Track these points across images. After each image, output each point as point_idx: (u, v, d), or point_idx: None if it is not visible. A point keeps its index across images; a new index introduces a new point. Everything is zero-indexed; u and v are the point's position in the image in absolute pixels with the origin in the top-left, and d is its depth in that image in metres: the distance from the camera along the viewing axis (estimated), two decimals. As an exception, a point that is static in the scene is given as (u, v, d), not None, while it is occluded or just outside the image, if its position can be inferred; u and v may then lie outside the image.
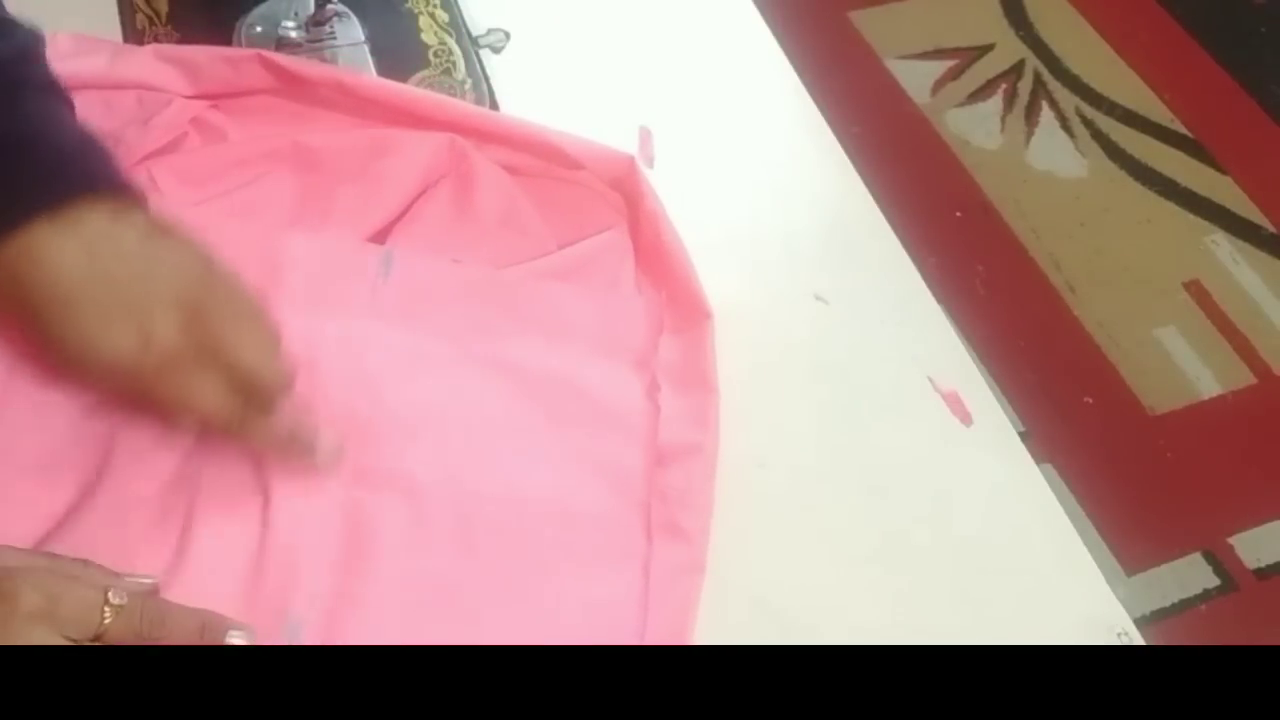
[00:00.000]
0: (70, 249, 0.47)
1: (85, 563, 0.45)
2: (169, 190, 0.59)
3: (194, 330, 0.48)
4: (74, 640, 0.41)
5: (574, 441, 0.55)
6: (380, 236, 0.61)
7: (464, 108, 0.66)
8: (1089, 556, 0.57)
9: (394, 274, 0.58)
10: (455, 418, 0.55)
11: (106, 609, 0.42)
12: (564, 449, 0.55)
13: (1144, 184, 1.71)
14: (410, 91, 0.66)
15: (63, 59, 0.62)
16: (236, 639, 0.44)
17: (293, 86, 0.65)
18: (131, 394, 0.50)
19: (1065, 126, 1.76)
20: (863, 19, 1.87)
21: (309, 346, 0.55)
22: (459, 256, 0.61)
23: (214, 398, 0.49)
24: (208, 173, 0.61)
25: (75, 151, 0.50)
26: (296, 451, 0.51)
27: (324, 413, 0.53)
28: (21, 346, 0.52)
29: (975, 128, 1.75)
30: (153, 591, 0.46)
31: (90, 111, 0.61)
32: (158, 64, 0.63)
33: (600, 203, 0.65)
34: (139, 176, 0.59)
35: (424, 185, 0.62)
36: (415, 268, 0.59)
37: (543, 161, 0.65)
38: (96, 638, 0.42)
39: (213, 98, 0.64)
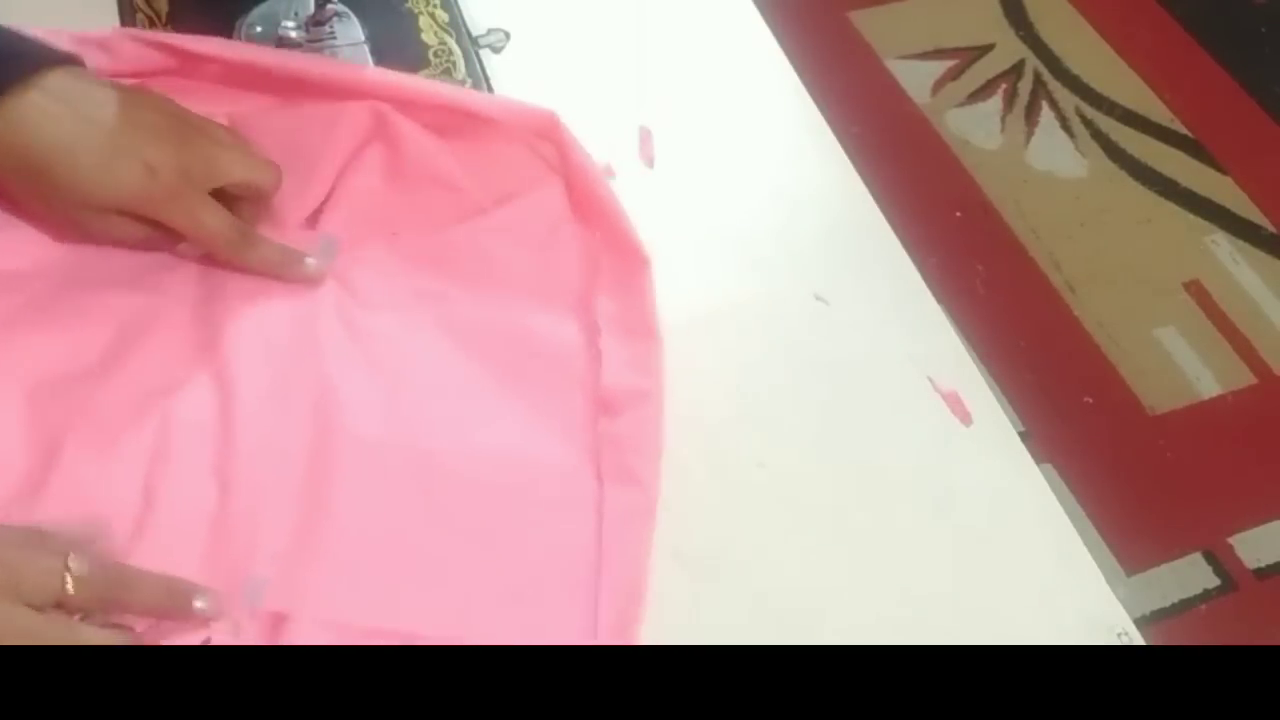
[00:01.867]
0: (54, 107, 0.52)
1: (41, 533, 0.45)
2: None
3: (185, 157, 0.54)
4: (36, 607, 0.41)
5: (520, 391, 0.56)
6: (316, 210, 0.61)
7: (383, 76, 0.65)
8: (1089, 556, 0.57)
9: (338, 258, 0.59)
10: (406, 378, 0.56)
11: (68, 576, 0.42)
12: (511, 399, 0.56)
13: (1144, 184, 1.71)
14: (328, 64, 0.66)
15: None
16: (201, 602, 0.44)
17: (203, 68, 0.65)
18: (138, 231, 0.55)
19: (1065, 126, 1.76)
20: (863, 19, 1.86)
21: (259, 325, 0.56)
22: (395, 220, 0.61)
23: (220, 217, 0.55)
24: None
25: (18, 36, 0.54)
26: (291, 264, 0.57)
27: (279, 385, 0.54)
28: None
29: (975, 128, 1.75)
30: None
31: None
32: (76, 45, 0.63)
33: (531, 156, 0.65)
34: None
35: (351, 154, 0.63)
36: (356, 246, 0.60)
37: (466, 120, 0.65)
38: (59, 604, 0.42)
39: (131, 77, 0.64)
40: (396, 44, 0.70)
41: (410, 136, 0.63)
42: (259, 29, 0.68)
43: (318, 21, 0.68)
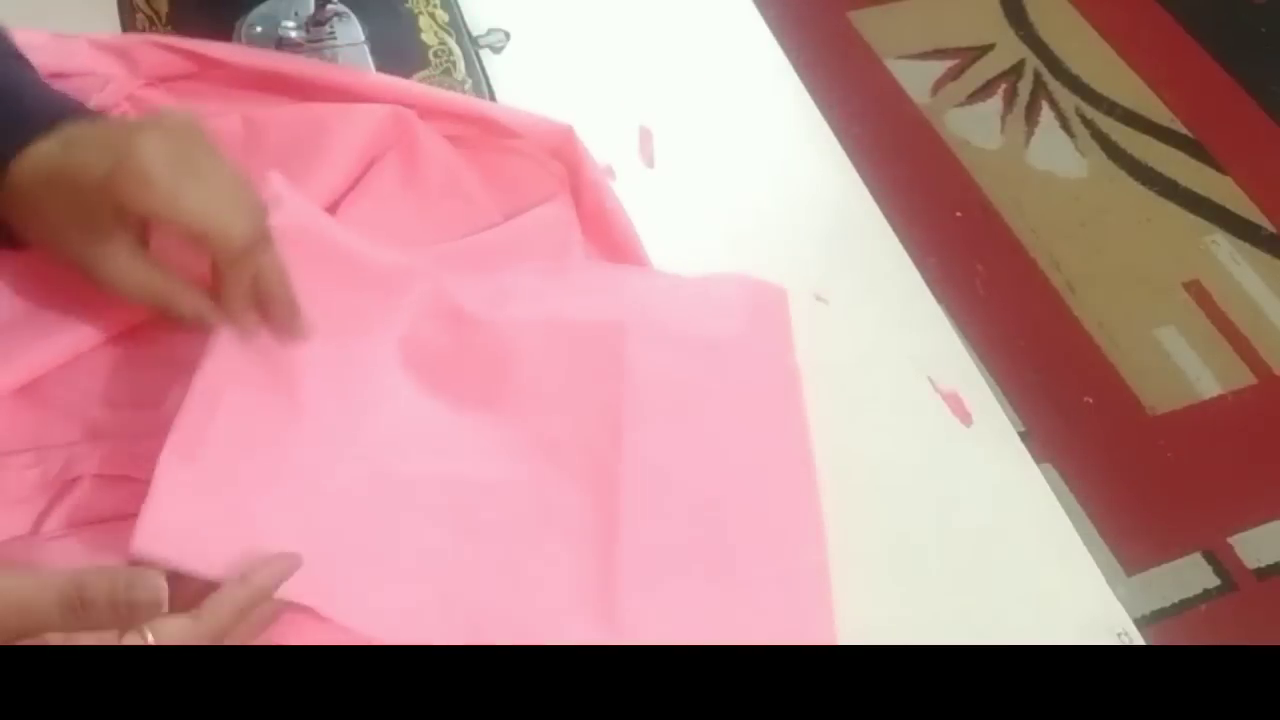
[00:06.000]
0: (53, 145, 0.49)
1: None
2: None
3: (177, 150, 0.48)
4: None
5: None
6: (329, 212, 0.61)
7: (402, 84, 0.66)
8: (1089, 556, 0.57)
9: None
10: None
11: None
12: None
13: (1144, 184, 1.71)
14: (348, 72, 0.66)
15: None
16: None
17: (227, 74, 0.65)
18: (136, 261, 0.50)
19: (1065, 126, 1.76)
20: (863, 19, 1.86)
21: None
22: (407, 228, 0.61)
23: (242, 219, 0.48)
24: None
25: (58, 94, 0.54)
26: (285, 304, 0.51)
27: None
28: None
29: (975, 128, 1.75)
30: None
31: None
32: (95, 52, 0.63)
33: (542, 173, 0.65)
34: None
35: (370, 159, 0.62)
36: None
37: (483, 133, 0.65)
38: None
39: (149, 84, 0.64)
40: (396, 44, 0.70)
41: (429, 145, 0.63)
42: (259, 29, 0.68)
43: (318, 21, 0.68)
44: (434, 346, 0.56)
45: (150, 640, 0.40)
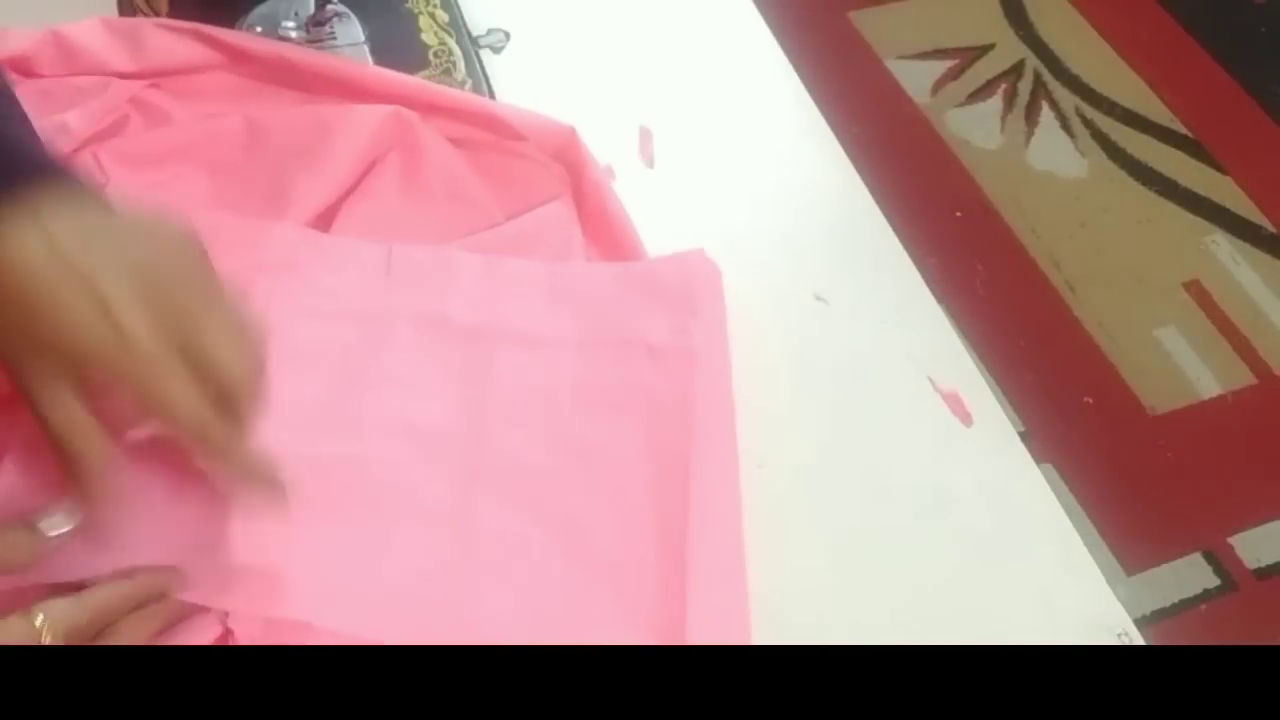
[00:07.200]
0: (29, 234, 0.40)
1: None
2: (116, 175, 0.59)
3: (156, 304, 0.41)
4: None
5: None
6: (330, 213, 0.61)
7: (407, 81, 0.66)
8: (1089, 556, 0.57)
9: (395, 269, 0.59)
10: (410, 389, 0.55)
11: (44, 639, 0.41)
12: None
13: (1144, 184, 1.71)
14: (353, 65, 0.66)
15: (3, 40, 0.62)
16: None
17: (235, 62, 0.65)
18: (103, 385, 0.43)
19: (1065, 126, 1.76)
20: (863, 19, 1.87)
21: (320, 349, 0.55)
22: (407, 229, 0.61)
23: (188, 392, 0.41)
24: (155, 155, 0.61)
25: (26, 143, 0.45)
26: (258, 482, 0.45)
27: (342, 415, 0.53)
28: None
29: (975, 128, 1.75)
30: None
31: (26, 102, 0.60)
32: (106, 35, 0.63)
33: (544, 174, 0.65)
34: (84, 161, 0.59)
35: (372, 159, 0.62)
36: (414, 259, 0.59)
37: (486, 133, 0.65)
38: None
39: (156, 75, 0.64)
40: (396, 44, 0.70)
41: (430, 146, 0.63)
42: (259, 29, 0.68)
43: (318, 21, 0.69)
44: (300, 331, 0.55)
45: (39, 619, 0.41)
